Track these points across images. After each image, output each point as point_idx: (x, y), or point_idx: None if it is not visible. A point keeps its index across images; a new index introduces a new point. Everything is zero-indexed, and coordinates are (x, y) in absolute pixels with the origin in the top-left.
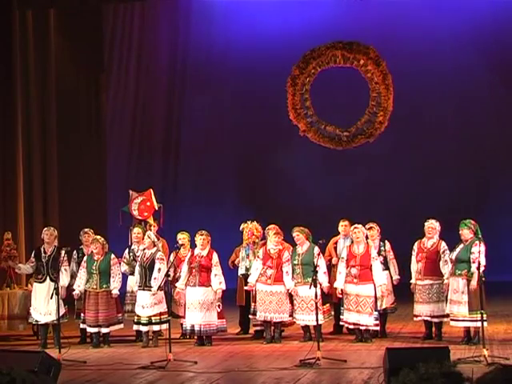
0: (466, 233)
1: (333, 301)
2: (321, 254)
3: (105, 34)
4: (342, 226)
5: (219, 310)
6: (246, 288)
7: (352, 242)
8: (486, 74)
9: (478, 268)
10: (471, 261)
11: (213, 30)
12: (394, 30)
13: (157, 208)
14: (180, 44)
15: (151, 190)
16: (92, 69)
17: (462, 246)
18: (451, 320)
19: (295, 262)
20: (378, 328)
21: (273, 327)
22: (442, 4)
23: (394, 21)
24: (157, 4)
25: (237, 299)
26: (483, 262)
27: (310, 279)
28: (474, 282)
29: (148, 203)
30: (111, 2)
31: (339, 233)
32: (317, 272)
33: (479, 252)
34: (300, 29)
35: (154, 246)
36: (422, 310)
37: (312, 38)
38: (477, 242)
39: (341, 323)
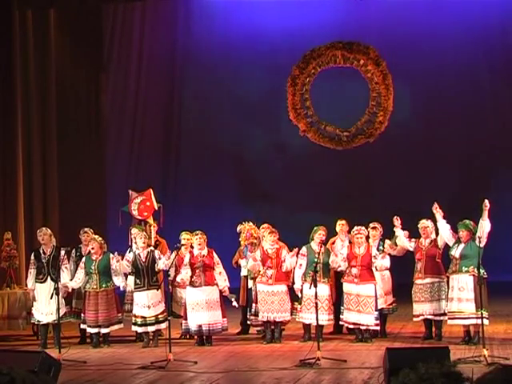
0: (466, 234)
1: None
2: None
3: (105, 34)
4: (340, 225)
5: (237, 306)
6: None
7: (350, 242)
8: (488, 73)
9: (479, 268)
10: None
11: (213, 30)
12: (394, 30)
13: (156, 208)
14: (180, 44)
15: (151, 190)
16: (92, 68)
17: (462, 244)
18: (452, 318)
19: (315, 260)
20: (378, 328)
21: (273, 327)
22: (443, 4)
23: (394, 21)
24: (157, 4)
25: (240, 299)
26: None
27: (326, 279)
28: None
29: (148, 203)
30: (111, 2)
31: (337, 233)
32: (317, 272)
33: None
34: (300, 29)
35: (149, 245)
36: (424, 308)
37: (312, 38)
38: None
39: (341, 323)
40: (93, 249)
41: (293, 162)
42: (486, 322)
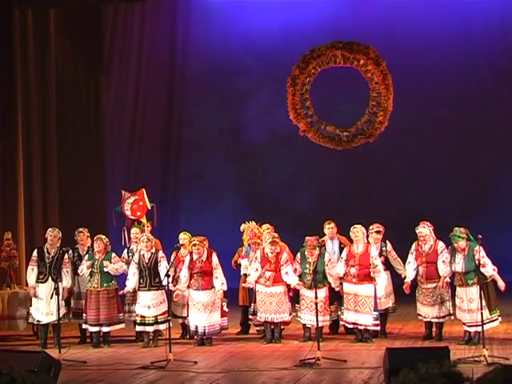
0: (461, 244)
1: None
2: (331, 260)
3: (105, 34)
4: (329, 228)
5: (227, 310)
6: (243, 285)
7: (340, 243)
8: (488, 73)
9: (478, 268)
10: (481, 265)
11: (212, 29)
12: (394, 30)
13: (149, 207)
14: (180, 44)
15: (143, 190)
16: (92, 69)
17: (460, 256)
18: (473, 326)
19: (306, 271)
20: (377, 328)
21: (272, 327)
22: (443, 4)
23: (395, 21)
24: (157, 4)
25: (239, 299)
26: (490, 263)
27: (321, 284)
28: (501, 283)
29: (141, 203)
30: (111, 2)
31: (325, 234)
32: (317, 272)
33: (483, 257)
34: (300, 29)
35: (152, 247)
36: (428, 312)
37: (312, 38)
38: (476, 248)
39: (340, 323)
40: (98, 247)
41: (293, 161)
42: (496, 323)
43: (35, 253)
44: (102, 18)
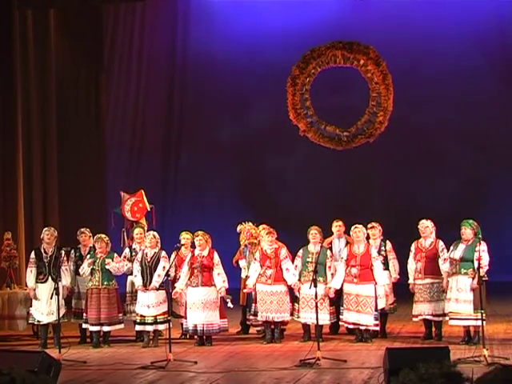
0: (468, 232)
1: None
2: (333, 256)
3: (105, 34)
4: (336, 226)
5: (232, 307)
6: (244, 291)
7: (347, 242)
8: (488, 73)
9: (479, 268)
10: (475, 259)
11: (213, 30)
12: (394, 30)
13: (149, 209)
14: (180, 44)
15: (142, 191)
16: (92, 69)
17: (463, 245)
18: (452, 319)
19: (308, 260)
20: (377, 328)
21: (273, 326)
22: (443, 4)
23: (395, 21)
24: (157, 4)
25: (240, 299)
26: (487, 261)
27: (321, 278)
28: (475, 281)
29: (140, 204)
30: (112, 2)
31: (333, 233)
32: (317, 272)
33: (483, 251)
34: (300, 29)
35: (157, 245)
36: (423, 309)
37: (312, 38)
38: (479, 242)
39: (340, 323)
40: (100, 248)
41: (293, 161)
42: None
43: (33, 254)
44: (103, 18)
